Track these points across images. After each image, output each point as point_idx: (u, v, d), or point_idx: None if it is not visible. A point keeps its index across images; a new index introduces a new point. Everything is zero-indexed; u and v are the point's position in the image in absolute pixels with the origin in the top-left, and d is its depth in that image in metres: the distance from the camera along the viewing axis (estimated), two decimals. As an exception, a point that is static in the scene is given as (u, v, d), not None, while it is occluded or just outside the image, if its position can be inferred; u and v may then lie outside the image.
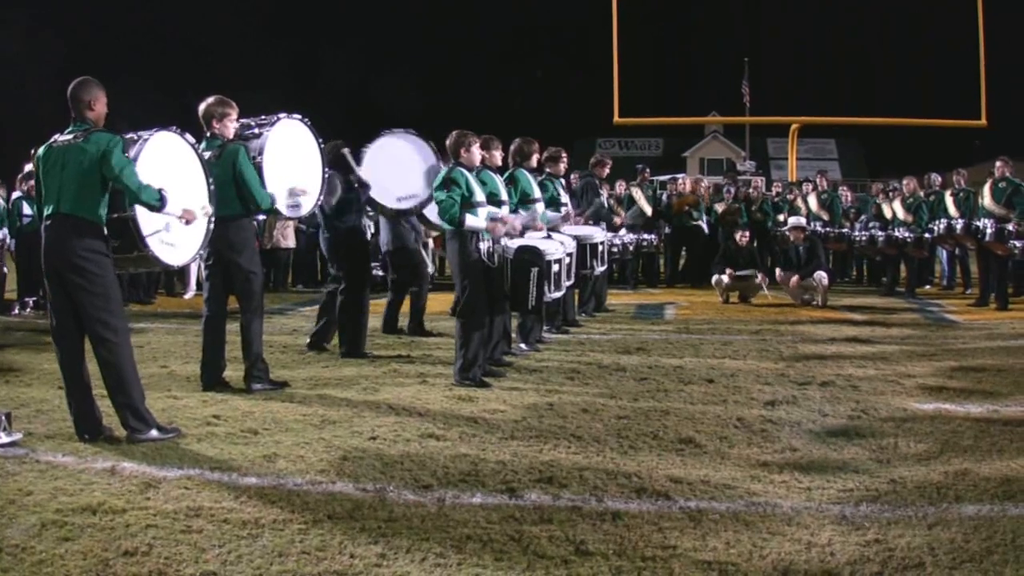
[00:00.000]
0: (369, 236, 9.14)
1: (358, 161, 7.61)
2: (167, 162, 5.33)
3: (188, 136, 5.54)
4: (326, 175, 6.95)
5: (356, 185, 7.58)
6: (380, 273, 11.84)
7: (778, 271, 11.89)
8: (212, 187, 5.61)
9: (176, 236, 5.34)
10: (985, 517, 3.64)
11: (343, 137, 7.74)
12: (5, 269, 11.77)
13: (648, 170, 15.97)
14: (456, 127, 6.76)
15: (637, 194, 15.02)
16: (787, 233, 12.48)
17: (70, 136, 4.89)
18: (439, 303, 9.50)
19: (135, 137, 5.26)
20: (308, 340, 8.14)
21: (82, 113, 4.93)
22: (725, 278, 11.93)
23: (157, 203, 4.92)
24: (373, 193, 7.68)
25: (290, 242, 14.40)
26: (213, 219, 5.61)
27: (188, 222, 5.32)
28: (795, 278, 11.59)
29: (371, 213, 9.02)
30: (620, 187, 15.63)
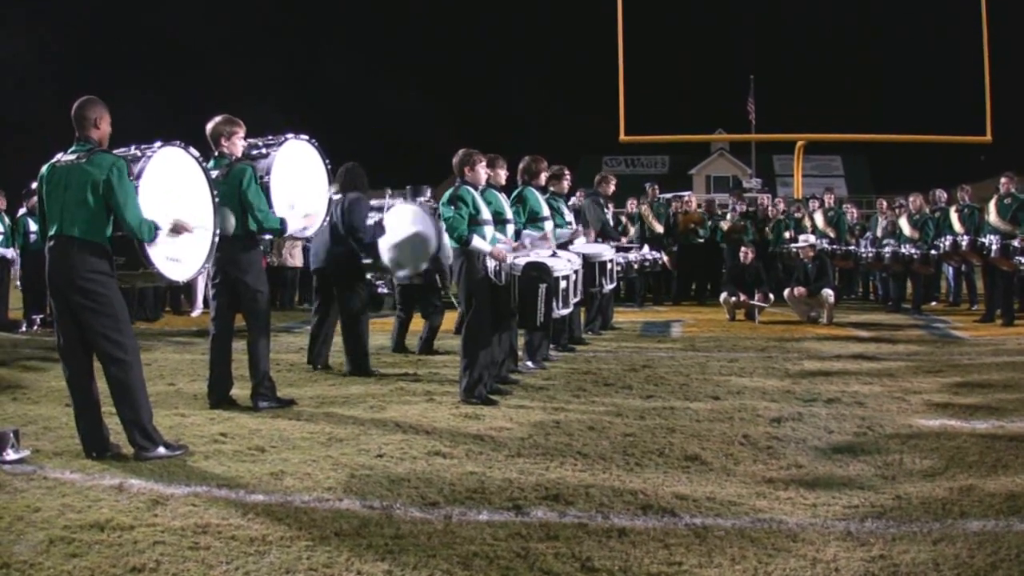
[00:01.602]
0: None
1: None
2: (171, 178, 5.22)
3: (192, 150, 5.43)
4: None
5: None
6: (386, 290, 11.89)
7: (787, 291, 11.93)
8: (216, 201, 5.51)
9: (181, 251, 5.26)
10: (990, 533, 3.64)
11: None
12: (19, 283, 11.85)
13: (657, 187, 15.98)
14: (461, 145, 6.81)
15: (646, 211, 15.08)
16: (797, 250, 12.52)
17: (73, 156, 4.86)
18: (444, 321, 9.52)
19: (139, 153, 5.16)
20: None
21: (86, 132, 4.90)
22: (734, 299, 11.99)
23: (149, 239, 4.89)
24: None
25: (297, 261, 14.45)
26: (218, 234, 5.52)
27: (179, 233, 5.14)
28: (800, 289, 11.63)
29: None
30: (630, 205, 15.69)
